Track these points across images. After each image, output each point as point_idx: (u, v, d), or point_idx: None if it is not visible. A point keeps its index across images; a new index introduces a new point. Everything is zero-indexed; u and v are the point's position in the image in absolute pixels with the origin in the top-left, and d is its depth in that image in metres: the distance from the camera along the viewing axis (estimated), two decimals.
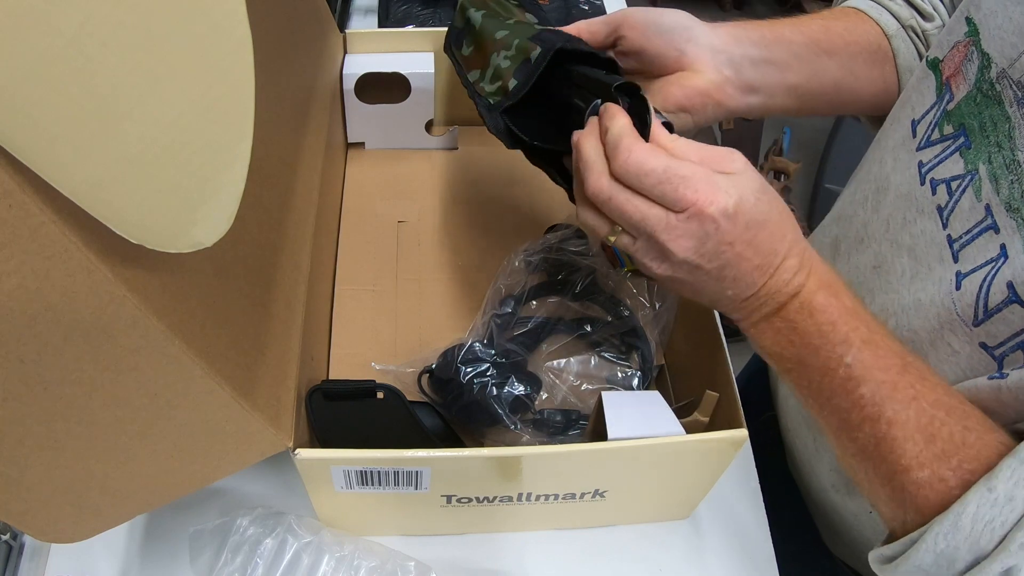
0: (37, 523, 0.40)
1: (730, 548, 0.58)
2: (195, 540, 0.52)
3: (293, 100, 0.57)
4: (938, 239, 0.46)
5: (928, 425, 0.37)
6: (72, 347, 0.31)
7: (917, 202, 0.48)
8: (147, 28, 0.27)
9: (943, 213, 0.46)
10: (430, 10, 0.96)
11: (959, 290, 0.44)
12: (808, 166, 1.92)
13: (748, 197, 0.39)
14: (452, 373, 0.57)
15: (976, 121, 0.45)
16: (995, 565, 0.34)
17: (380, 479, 0.48)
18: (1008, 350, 0.41)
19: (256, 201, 0.46)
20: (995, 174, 0.42)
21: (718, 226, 0.39)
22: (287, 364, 0.47)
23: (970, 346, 0.43)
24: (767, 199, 0.40)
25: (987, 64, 0.44)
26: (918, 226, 0.48)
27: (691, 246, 0.39)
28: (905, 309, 0.48)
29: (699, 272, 0.41)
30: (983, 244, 0.43)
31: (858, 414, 0.39)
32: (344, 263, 0.70)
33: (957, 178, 0.45)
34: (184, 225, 0.32)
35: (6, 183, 0.25)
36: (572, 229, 0.68)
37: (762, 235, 0.40)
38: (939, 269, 0.46)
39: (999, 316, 0.41)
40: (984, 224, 0.43)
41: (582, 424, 0.58)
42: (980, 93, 0.45)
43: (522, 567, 0.56)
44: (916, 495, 0.37)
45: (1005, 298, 0.40)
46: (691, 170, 0.39)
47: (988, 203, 0.42)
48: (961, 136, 0.46)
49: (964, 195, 0.44)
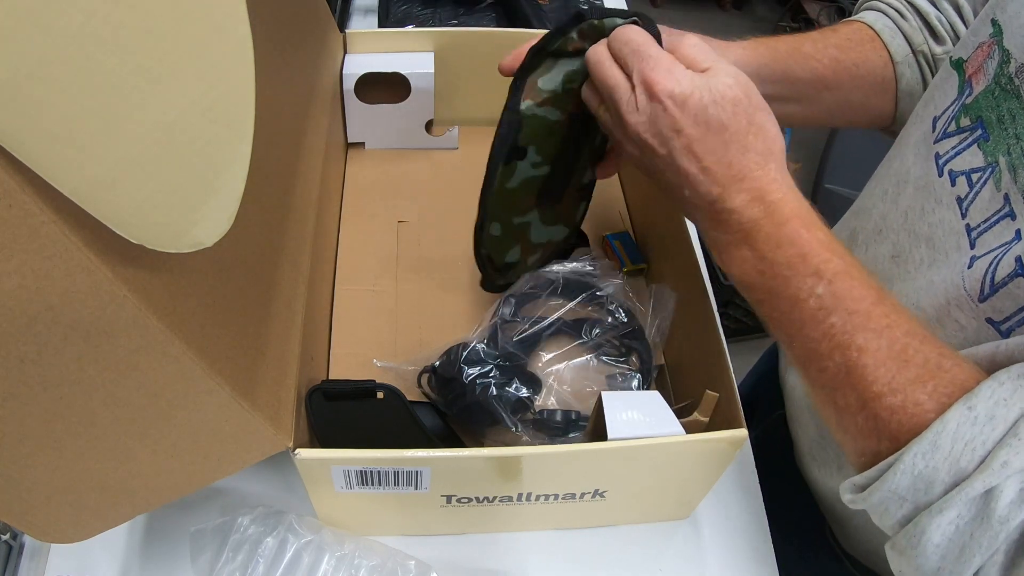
0: (37, 523, 0.40)
1: (730, 548, 0.58)
2: (196, 539, 0.52)
3: (293, 100, 0.57)
4: (956, 228, 0.46)
5: (902, 352, 0.37)
6: (72, 347, 0.31)
7: (935, 193, 0.48)
8: (148, 28, 0.27)
9: (962, 204, 0.46)
10: (430, 10, 0.96)
11: (970, 268, 0.44)
12: (808, 166, 1.92)
13: (704, 95, 0.41)
14: (455, 373, 0.57)
15: (994, 114, 0.45)
16: (976, 484, 0.33)
17: (380, 479, 0.48)
18: (1015, 324, 0.41)
19: (256, 201, 0.46)
20: (1014, 164, 0.43)
21: (665, 108, 0.41)
22: (287, 364, 0.47)
23: (977, 321, 0.43)
24: (732, 109, 0.41)
25: (1007, 60, 0.45)
26: (936, 216, 0.48)
27: (642, 122, 0.42)
28: (917, 291, 0.48)
29: (654, 157, 0.43)
30: (1000, 231, 0.43)
31: (827, 343, 0.38)
32: (344, 263, 0.70)
33: (978, 170, 0.46)
34: (184, 225, 0.32)
35: (6, 183, 0.25)
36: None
37: (713, 138, 0.40)
38: (955, 256, 0.46)
39: (1005, 290, 0.41)
40: (1002, 212, 0.43)
41: (582, 425, 0.58)
42: (998, 87, 0.45)
43: (522, 567, 0.56)
44: (889, 420, 0.36)
45: (1011, 271, 0.40)
46: (660, 54, 0.42)
47: (1007, 192, 0.43)
48: (979, 128, 0.46)
49: (985, 187, 0.45)
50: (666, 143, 0.42)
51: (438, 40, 0.75)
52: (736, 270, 0.42)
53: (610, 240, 0.73)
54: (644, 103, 0.42)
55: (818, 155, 1.94)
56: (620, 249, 0.72)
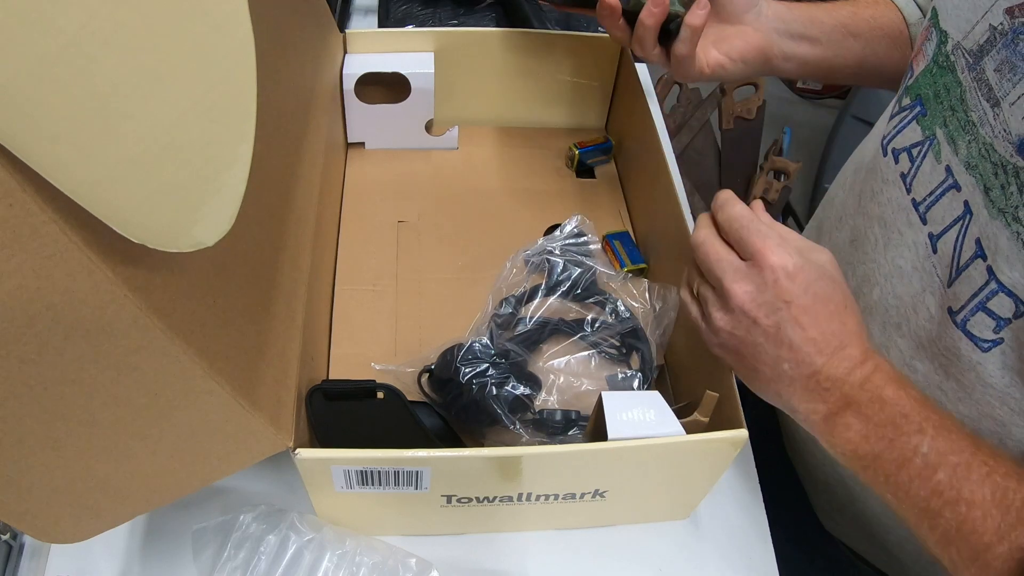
0: (37, 523, 0.40)
1: (730, 548, 0.58)
2: (198, 538, 0.52)
3: (293, 100, 0.57)
4: (904, 204, 0.48)
5: (1003, 498, 0.38)
6: (73, 347, 0.31)
7: (882, 173, 0.50)
8: (149, 28, 0.27)
9: (906, 179, 0.48)
10: (430, 10, 0.96)
11: (936, 253, 0.45)
12: (808, 166, 1.92)
13: (812, 270, 0.41)
14: (451, 373, 0.57)
15: (931, 90, 0.47)
16: None
17: (380, 479, 0.48)
18: (968, 313, 0.42)
19: (256, 201, 0.46)
20: (952, 136, 0.44)
21: (776, 278, 0.41)
22: (287, 364, 0.47)
23: (941, 311, 0.45)
24: (833, 285, 0.42)
25: (944, 40, 0.47)
26: (884, 195, 0.50)
27: (749, 291, 0.42)
28: (888, 277, 0.49)
29: (755, 329, 0.42)
30: (947, 204, 0.44)
31: (937, 500, 0.39)
32: (344, 263, 0.70)
33: (917, 145, 0.47)
34: (185, 225, 0.32)
35: (7, 182, 0.25)
36: (572, 229, 0.68)
37: (821, 309, 0.41)
38: (909, 233, 0.47)
39: (965, 274, 0.42)
40: (946, 184, 0.44)
41: (582, 424, 0.58)
42: (936, 65, 0.47)
43: (522, 567, 0.56)
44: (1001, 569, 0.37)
45: (972, 253, 0.42)
46: (770, 229, 0.43)
47: (948, 164, 0.44)
48: (917, 106, 0.48)
49: (925, 159, 0.46)
50: (774, 313, 0.42)
51: (438, 40, 0.75)
52: (839, 439, 0.42)
53: (610, 240, 0.73)
54: (755, 274, 0.42)
55: (818, 155, 1.94)
56: (620, 249, 0.72)
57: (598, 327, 0.64)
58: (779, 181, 1.87)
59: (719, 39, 0.58)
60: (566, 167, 0.81)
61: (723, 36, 0.58)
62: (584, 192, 0.80)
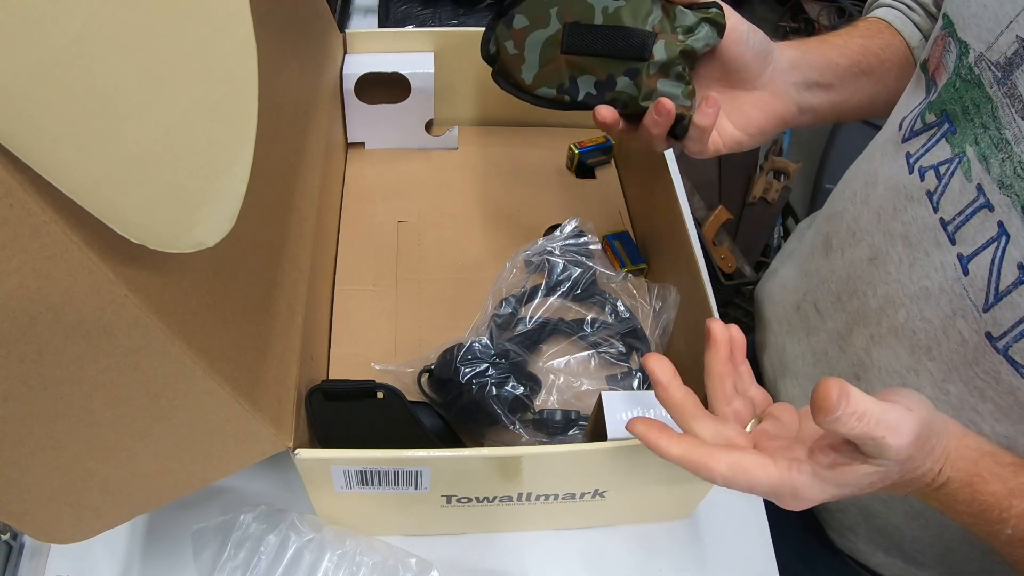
0: (37, 523, 0.40)
1: (730, 548, 0.58)
2: (198, 537, 0.52)
3: (293, 100, 0.57)
4: (931, 223, 0.46)
5: None
6: (73, 347, 0.31)
7: (906, 190, 0.49)
8: (150, 28, 0.27)
9: (933, 198, 0.46)
10: (430, 10, 0.96)
11: (968, 275, 0.44)
12: (808, 166, 1.92)
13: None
14: (451, 373, 0.57)
15: (958, 106, 0.45)
16: None
17: (380, 479, 0.48)
18: (1011, 340, 0.41)
19: (257, 201, 0.46)
20: (984, 154, 0.43)
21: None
22: (287, 364, 0.47)
23: (977, 335, 0.43)
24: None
25: (964, 51, 0.45)
26: (909, 213, 0.48)
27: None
28: (914, 299, 0.48)
29: None
30: (979, 224, 0.43)
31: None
32: (344, 263, 0.70)
33: (945, 162, 0.46)
34: (186, 225, 0.32)
35: (7, 182, 0.25)
36: (572, 229, 0.68)
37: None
38: (936, 254, 0.46)
39: (1008, 299, 0.41)
40: (977, 203, 0.43)
41: (582, 424, 0.58)
42: (959, 79, 0.46)
43: (522, 567, 0.56)
44: None
45: (1015, 279, 0.40)
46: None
47: (979, 183, 0.43)
48: (945, 123, 0.47)
49: (954, 177, 0.45)
50: None
51: (438, 40, 0.75)
52: None
53: (610, 240, 0.73)
54: None
55: (818, 155, 1.94)
56: (620, 249, 0.72)
57: (598, 327, 0.64)
58: (779, 181, 1.87)
59: (733, 109, 0.54)
60: (566, 167, 0.82)
61: (738, 105, 0.54)
62: (584, 192, 0.80)
